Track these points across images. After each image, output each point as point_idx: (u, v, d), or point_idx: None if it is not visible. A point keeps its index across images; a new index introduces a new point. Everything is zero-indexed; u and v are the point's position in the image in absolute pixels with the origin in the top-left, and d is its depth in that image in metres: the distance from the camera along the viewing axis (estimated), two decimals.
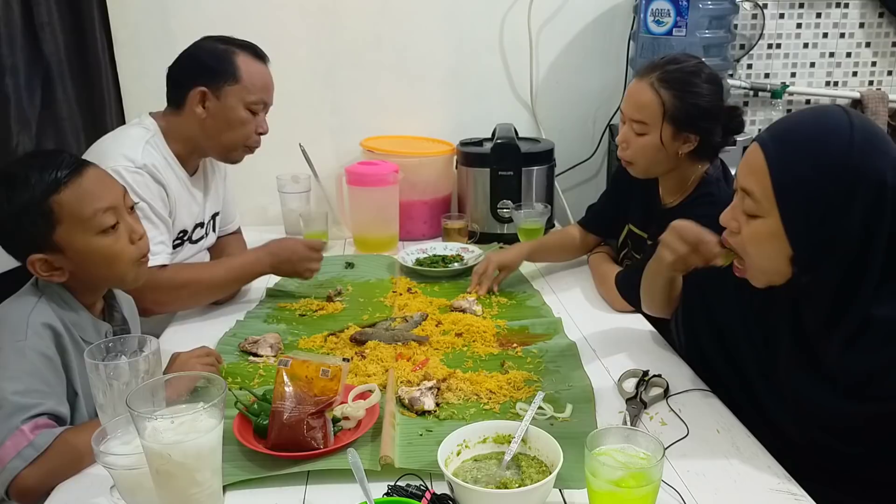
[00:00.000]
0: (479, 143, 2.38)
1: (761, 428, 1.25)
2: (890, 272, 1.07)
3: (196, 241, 1.87)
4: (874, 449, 1.14)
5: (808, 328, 1.18)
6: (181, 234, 1.79)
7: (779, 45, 2.63)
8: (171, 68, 1.75)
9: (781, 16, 2.60)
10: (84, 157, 1.68)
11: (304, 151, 2.31)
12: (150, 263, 1.60)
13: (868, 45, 2.64)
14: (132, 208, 1.32)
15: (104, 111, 2.29)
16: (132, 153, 1.65)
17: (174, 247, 1.77)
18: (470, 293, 1.83)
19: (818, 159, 1.05)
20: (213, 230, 1.97)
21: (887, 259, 1.07)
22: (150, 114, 1.77)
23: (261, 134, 1.81)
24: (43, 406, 1.15)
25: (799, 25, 2.61)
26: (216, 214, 1.97)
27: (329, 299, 1.83)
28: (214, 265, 1.84)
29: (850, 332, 1.10)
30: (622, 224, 1.92)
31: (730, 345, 1.36)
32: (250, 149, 1.82)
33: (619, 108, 1.72)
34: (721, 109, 1.63)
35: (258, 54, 1.78)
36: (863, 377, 1.10)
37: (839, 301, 1.11)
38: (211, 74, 1.71)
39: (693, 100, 1.59)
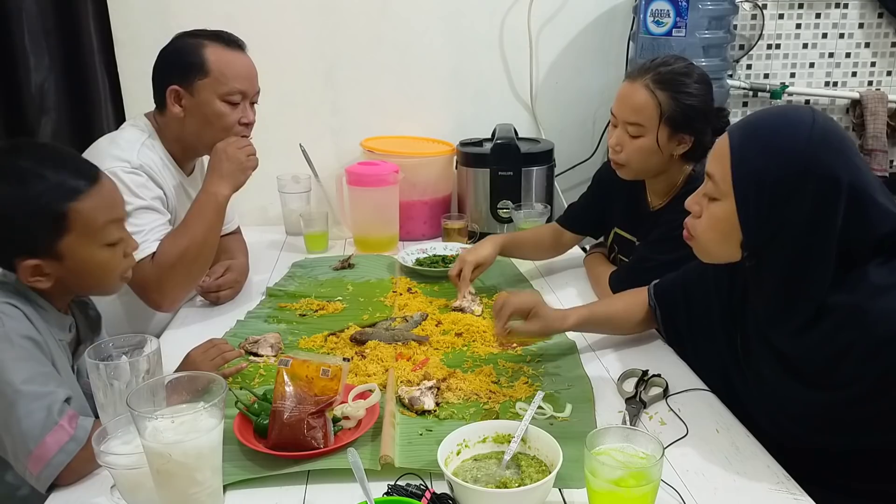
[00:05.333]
0: (479, 143, 2.38)
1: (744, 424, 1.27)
2: (847, 266, 1.10)
3: None
4: (842, 440, 1.15)
5: (759, 318, 1.21)
6: None
7: (778, 46, 2.63)
8: (152, 70, 1.73)
9: (781, 16, 2.60)
10: None
11: (304, 151, 2.31)
12: (143, 254, 1.57)
13: (867, 45, 2.65)
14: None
15: (99, 113, 2.29)
16: (128, 155, 1.64)
17: None
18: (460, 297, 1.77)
19: (775, 148, 1.10)
20: None
21: (844, 253, 1.09)
22: (145, 114, 1.77)
23: (245, 125, 1.74)
24: (61, 392, 1.12)
25: (798, 26, 2.61)
26: None
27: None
28: (181, 229, 1.67)
29: (801, 321, 1.13)
30: (603, 225, 1.92)
31: (708, 340, 1.38)
32: None
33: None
34: (712, 109, 1.64)
35: (229, 42, 1.71)
36: (821, 364, 1.12)
37: (788, 292, 1.14)
38: (181, 71, 1.67)
39: (688, 101, 1.59)
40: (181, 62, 1.68)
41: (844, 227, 1.08)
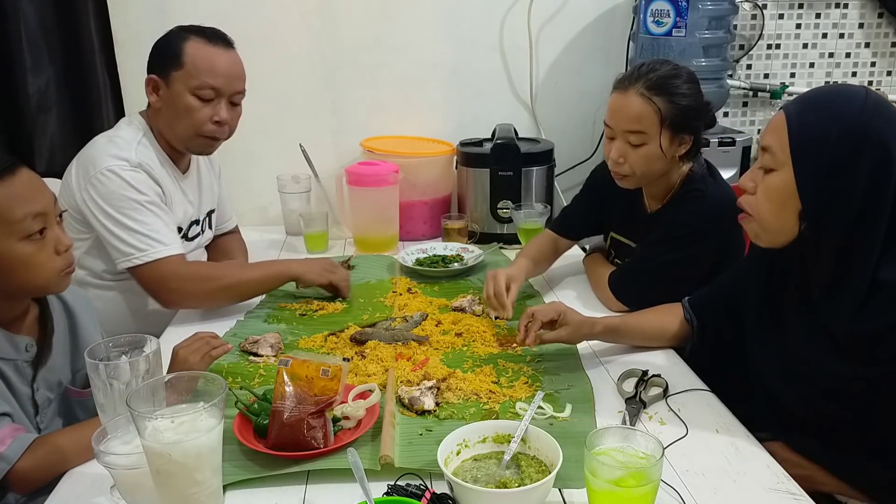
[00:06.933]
0: (479, 143, 2.38)
1: (761, 405, 1.28)
2: (894, 237, 1.12)
3: (192, 239, 1.86)
4: (871, 417, 1.16)
5: (813, 292, 1.22)
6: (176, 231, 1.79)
7: (778, 46, 2.63)
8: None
9: (781, 16, 2.60)
10: (76, 158, 1.69)
11: (304, 152, 2.31)
12: (170, 253, 1.63)
13: (867, 45, 2.65)
14: (60, 217, 1.24)
15: (99, 112, 2.29)
16: (126, 153, 1.65)
17: None
18: (498, 319, 1.68)
19: (832, 116, 1.13)
20: (210, 227, 1.97)
21: (892, 224, 1.12)
22: (140, 112, 1.76)
23: (218, 123, 1.70)
24: None
25: (798, 26, 2.61)
26: (212, 212, 1.97)
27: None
28: (244, 266, 1.84)
29: (857, 295, 1.14)
30: (599, 227, 1.91)
31: (738, 315, 1.39)
32: (210, 139, 1.72)
33: None
34: (704, 105, 1.63)
35: (213, 37, 1.69)
36: (867, 340, 1.14)
37: (843, 262, 1.15)
38: (160, 62, 1.68)
39: (683, 101, 1.59)
40: (162, 53, 1.69)
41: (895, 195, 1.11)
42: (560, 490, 1.08)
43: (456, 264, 2.03)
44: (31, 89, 2.22)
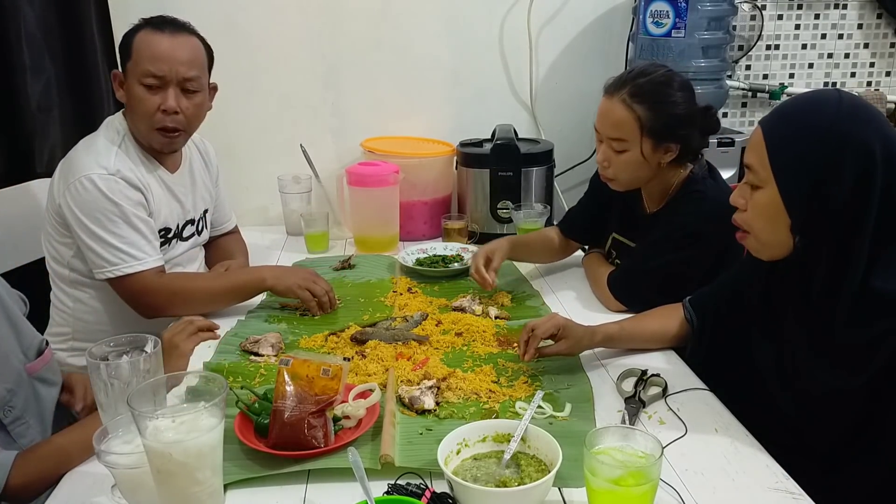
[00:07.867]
0: (479, 143, 2.39)
1: (760, 406, 1.29)
2: (884, 240, 1.11)
3: (187, 239, 1.86)
4: (866, 427, 1.16)
5: (812, 296, 1.22)
6: (164, 233, 1.77)
7: (777, 46, 2.64)
8: None
9: (780, 17, 2.60)
10: (62, 162, 1.68)
11: (304, 152, 2.32)
12: (143, 268, 1.62)
13: (866, 45, 2.65)
14: None
15: (101, 112, 2.30)
16: (104, 160, 1.63)
17: (160, 245, 1.74)
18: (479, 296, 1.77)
19: (807, 127, 1.13)
20: (206, 227, 1.96)
21: (880, 227, 1.11)
22: (122, 112, 1.74)
23: (167, 112, 1.64)
24: None
25: (797, 26, 2.62)
26: (207, 211, 1.95)
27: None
28: (215, 277, 1.80)
29: (851, 301, 1.14)
30: (602, 230, 1.92)
31: (739, 315, 1.39)
32: (163, 131, 1.67)
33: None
34: (697, 113, 1.62)
35: (159, 25, 1.64)
36: (861, 347, 1.14)
37: (838, 268, 1.15)
38: (121, 56, 1.68)
39: (669, 110, 1.58)
40: (121, 47, 1.69)
41: (884, 196, 1.10)
42: (560, 489, 1.08)
43: (456, 264, 2.03)
44: (31, 89, 2.22)
